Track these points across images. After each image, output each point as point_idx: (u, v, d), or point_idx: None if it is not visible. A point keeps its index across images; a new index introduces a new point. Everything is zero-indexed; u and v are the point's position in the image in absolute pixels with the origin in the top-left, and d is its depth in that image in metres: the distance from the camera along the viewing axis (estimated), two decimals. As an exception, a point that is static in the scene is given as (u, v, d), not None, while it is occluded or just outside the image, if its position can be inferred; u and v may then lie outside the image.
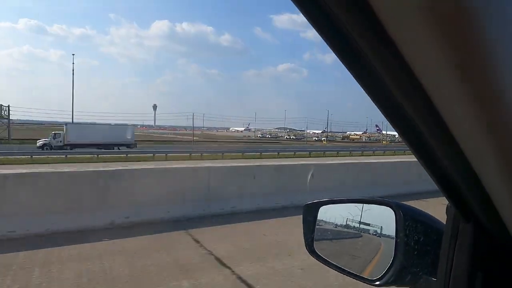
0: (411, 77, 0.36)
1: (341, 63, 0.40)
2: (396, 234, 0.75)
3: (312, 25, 0.36)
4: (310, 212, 0.99)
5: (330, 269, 0.91)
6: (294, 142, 78.12)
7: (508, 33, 0.34)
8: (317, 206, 0.97)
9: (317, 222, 0.97)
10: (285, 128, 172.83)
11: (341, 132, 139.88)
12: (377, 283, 0.78)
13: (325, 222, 0.97)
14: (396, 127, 0.46)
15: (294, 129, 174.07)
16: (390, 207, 0.77)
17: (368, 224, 0.85)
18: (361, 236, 0.87)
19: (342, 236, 0.94)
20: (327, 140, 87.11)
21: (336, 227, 0.94)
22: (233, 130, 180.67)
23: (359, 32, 0.35)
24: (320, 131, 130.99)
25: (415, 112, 0.41)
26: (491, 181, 0.47)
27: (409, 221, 0.73)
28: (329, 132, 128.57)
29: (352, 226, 0.89)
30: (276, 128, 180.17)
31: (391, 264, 0.75)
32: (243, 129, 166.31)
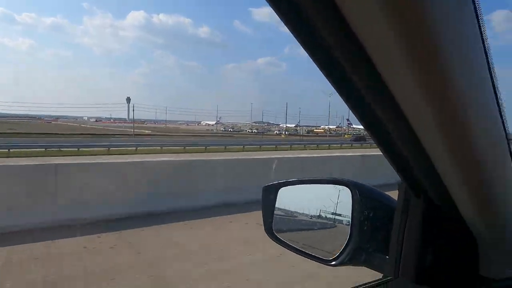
0: (371, 70, 0.39)
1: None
2: (352, 214, 0.76)
3: (282, 20, 0.38)
4: (269, 195, 0.98)
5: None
6: (252, 136, 78.19)
7: (462, 36, 0.39)
8: (276, 188, 0.97)
9: (276, 204, 0.97)
10: (263, 122, 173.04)
11: (314, 126, 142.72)
12: (333, 263, 0.78)
13: (284, 203, 0.96)
14: (356, 113, 0.49)
15: (270, 123, 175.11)
16: (347, 187, 0.77)
17: (326, 205, 0.86)
18: (319, 216, 0.87)
19: (300, 218, 0.94)
20: (286, 134, 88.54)
21: (295, 208, 0.94)
22: (204, 123, 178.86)
23: (326, 28, 0.37)
24: (294, 125, 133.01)
25: (376, 103, 0.46)
26: (441, 162, 0.52)
27: (365, 200, 0.74)
28: (302, 126, 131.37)
29: (310, 206, 0.90)
30: (253, 122, 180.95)
31: (347, 243, 0.76)
32: (214, 122, 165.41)
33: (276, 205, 0.97)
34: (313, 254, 0.85)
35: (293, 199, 0.95)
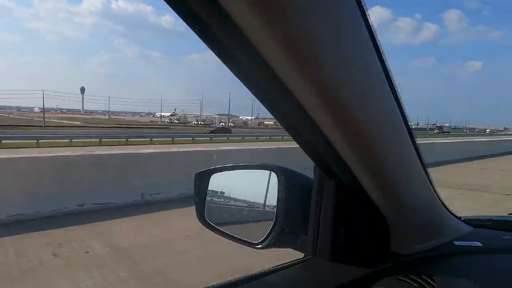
0: (268, 68, 0.44)
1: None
2: (278, 197, 0.79)
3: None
4: (201, 181, 0.99)
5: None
6: (194, 128, 76.20)
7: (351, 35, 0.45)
8: (208, 174, 0.98)
9: (208, 191, 0.98)
10: (228, 115, 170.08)
11: (271, 118, 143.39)
12: (259, 246, 0.81)
13: (216, 190, 0.98)
14: (267, 107, 0.55)
15: (236, 116, 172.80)
16: (274, 171, 0.80)
17: (256, 189, 0.88)
18: (249, 201, 0.90)
19: (232, 203, 0.96)
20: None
21: (227, 194, 0.96)
22: (158, 115, 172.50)
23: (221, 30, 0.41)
24: (254, 117, 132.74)
25: (280, 98, 0.51)
26: (344, 152, 0.59)
27: (290, 184, 0.77)
28: (261, 118, 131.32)
29: (241, 192, 0.92)
30: (216, 115, 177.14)
31: (273, 226, 0.79)
32: (169, 114, 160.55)
33: (209, 192, 0.98)
34: (242, 238, 0.88)
35: (225, 185, 0.96)
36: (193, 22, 0.41)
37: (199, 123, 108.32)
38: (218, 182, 0.97)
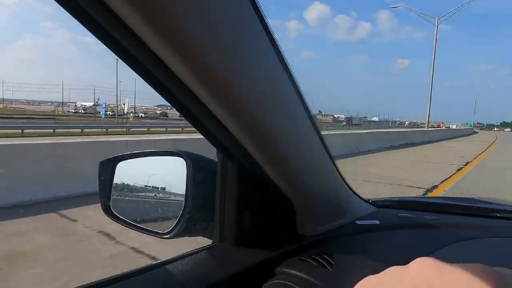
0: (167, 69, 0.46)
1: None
2: (186, 184, 0.77)
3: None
4: (106, 170, 0.92)
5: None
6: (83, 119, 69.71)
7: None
8: (114, 162, 0.91)
9: (114, 180, 0.92)
10: (166, 106, 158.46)
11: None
12: (167, 236, 0.79)
13: (123, 178, 0.92)
14: (166, 98, 0.55)
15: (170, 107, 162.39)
16: (181, 157, 0.78)
17: (164, 176, 0.85)
18: (157, 189, 0.86)
19: (139, 192, 0.91)
20: (135, 117, 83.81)
21: (134, 182, 0.91)
22: (79, 105, 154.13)
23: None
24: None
25: (175, 88, 0.52)
26: (242, 139, 0.61)
27: (198, 169, 0.76)
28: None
29: (149, 180, 0.88)
30: (156, 106, 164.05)
31: (181, 214, 0.77)
32: (91, 104, 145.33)
33: (114, 181, 0.92)
34: (150, 229, 0.84)
35: (132, 173, 0.91)
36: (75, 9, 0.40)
37: (108, 113, 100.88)
38: (124, 170, 0.91)
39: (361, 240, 0.85)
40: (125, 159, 0.91)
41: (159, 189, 0.86)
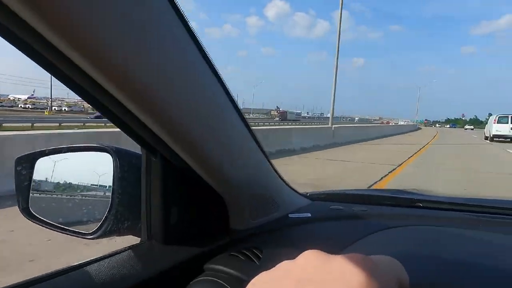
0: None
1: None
2: (113, 181, 0.73)
3: None
4: (24, 167, 0.84)
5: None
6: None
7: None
8: (32, 158, 0.84)
9: (33, 178, 0.84)
10: None
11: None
12: (92, 236, 0.74)
13: (43, 176, 0.85)
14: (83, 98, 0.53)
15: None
16: (107, 153, 0.74)
17: (89, 173, 0.80)
18: (82, 187, 0.81)
19: (62, 191, 0.85)
20: (53, 111, 78.27)
21: (56, 180, 0.84)
22: (12, 97, 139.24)
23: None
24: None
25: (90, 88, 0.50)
26: (162, 135, 0.59)
27: (125, 165, 0.72)
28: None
29: (73, 177, 0.82)
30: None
31: (108, 213, 0.73)
32: (26, 96, 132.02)
33: (34, 179, 0.85)
34: (73, 229, 0.79)
35: (54, 170, 0.85)
36: None
37: (28, 106, 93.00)
38: (45, 167, 0.84)
39: (292, 233, 0.87)
40: (46, 155, 0.84)
41: (84, 186, 0.81)
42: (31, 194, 0.84)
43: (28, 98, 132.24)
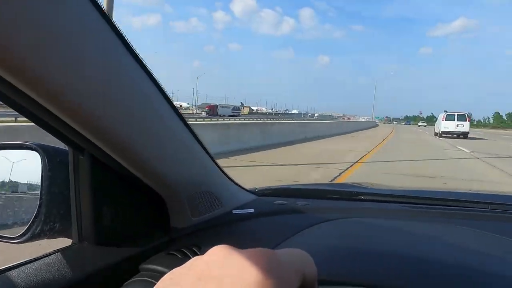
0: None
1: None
2: (42, 181, 0.69)
3: None
4: None
5: None
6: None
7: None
8: None
9: None
10: None
11: None
12: (19, 240, 0.69)
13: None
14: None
15: None
16: (35, 151, 0.69)
17: (15, 173, 0.75)
18: (7, 187, 0.76)
19: None
20: None
21: None
22: None
23: None
24: None
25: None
26: (86, 133, 0.57)
27: (55, 164, 0.68)
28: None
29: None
30: None
31: (36, 214, 0.69)
32: None
33: None
34: None
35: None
36: None
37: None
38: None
39: (234, 229, 0.87)
40: None
41: (8, 187, 0.75)
42: None
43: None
